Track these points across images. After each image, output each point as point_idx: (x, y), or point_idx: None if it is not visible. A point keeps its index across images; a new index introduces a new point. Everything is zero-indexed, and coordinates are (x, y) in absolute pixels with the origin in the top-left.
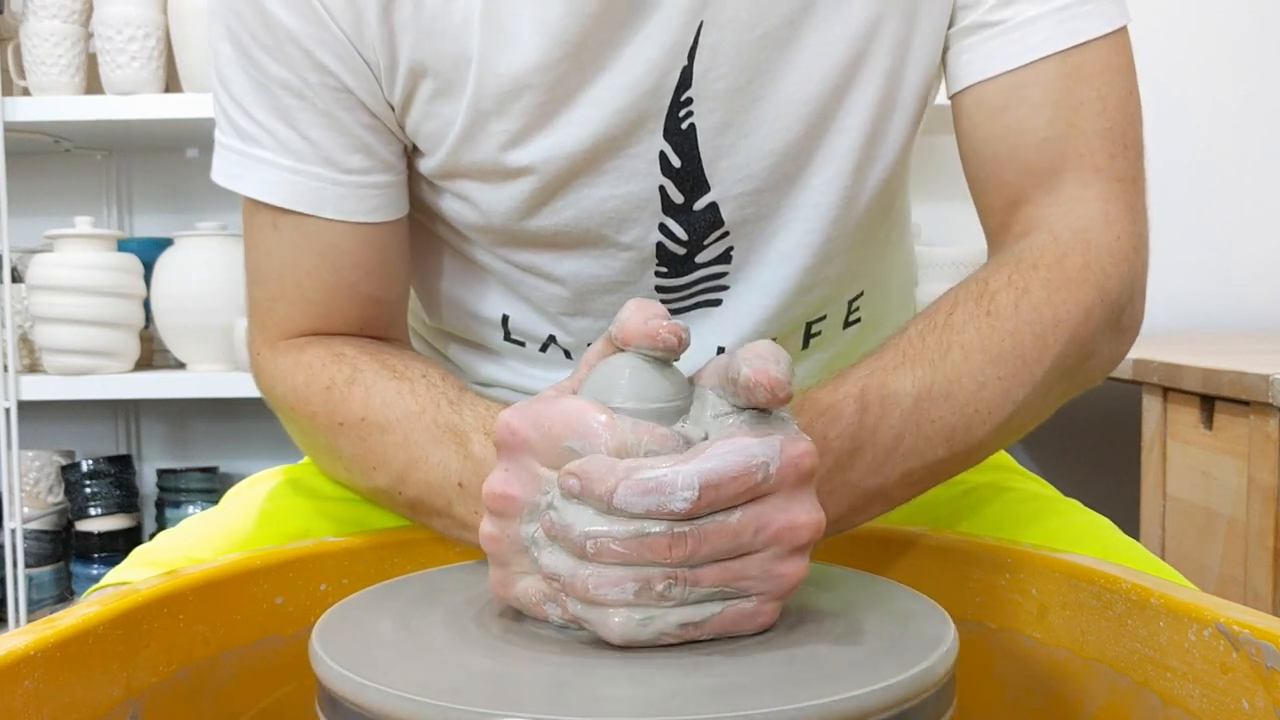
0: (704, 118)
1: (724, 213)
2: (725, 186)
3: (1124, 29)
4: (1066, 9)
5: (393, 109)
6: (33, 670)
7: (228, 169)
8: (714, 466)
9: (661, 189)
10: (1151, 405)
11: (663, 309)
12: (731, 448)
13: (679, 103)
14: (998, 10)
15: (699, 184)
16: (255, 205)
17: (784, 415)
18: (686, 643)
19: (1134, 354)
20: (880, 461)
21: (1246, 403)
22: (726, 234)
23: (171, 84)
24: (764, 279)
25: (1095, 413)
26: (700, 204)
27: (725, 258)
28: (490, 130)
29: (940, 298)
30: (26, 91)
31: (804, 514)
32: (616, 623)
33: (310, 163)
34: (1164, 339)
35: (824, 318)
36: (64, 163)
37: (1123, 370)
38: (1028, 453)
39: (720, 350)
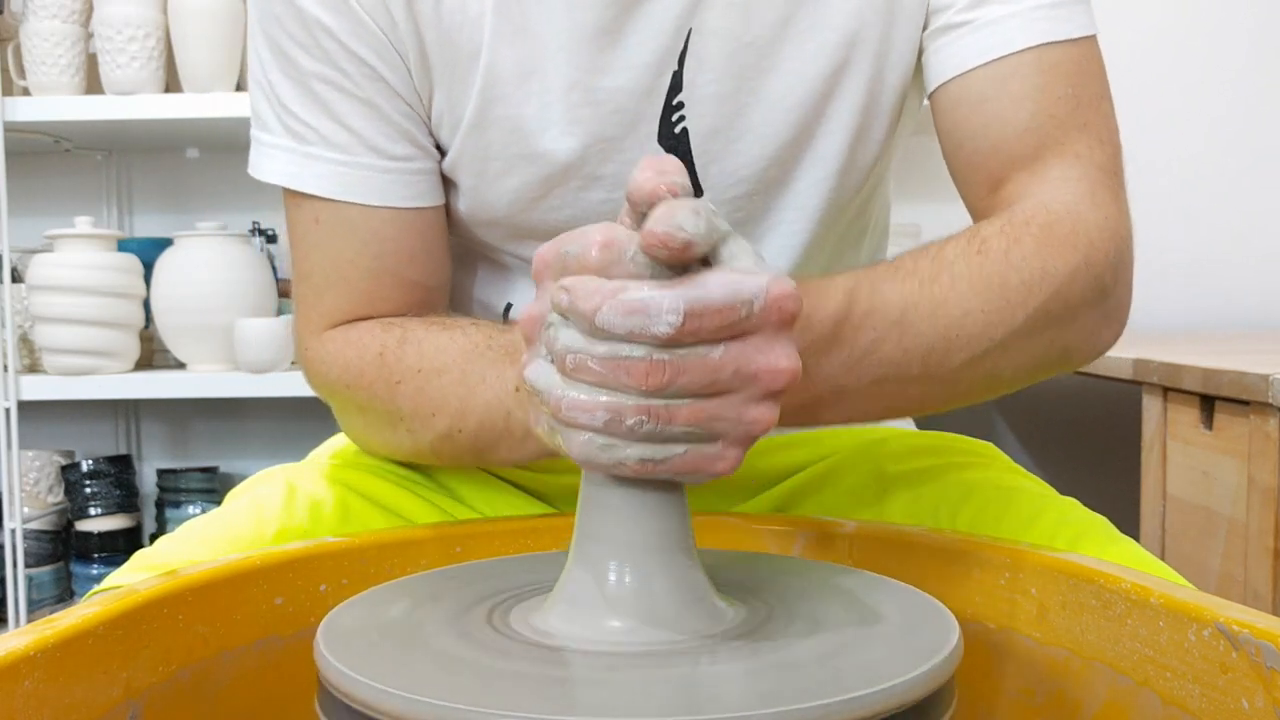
0: (695, 122)
1: None
2: (717, 191)
3: (1093, 38)
4: (1037, 9)
5: (422, 100)
6: (33, 670)
7: (280, 168)
8: (700, 295)
9: None
10: (1151, 405)
11: (675, 165)
12: (719, 280)
13: (671, 106)
14: (968, 11)
15: (692, 188)
16: (298, 203)
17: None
18: (642, 477)
19: (1134, 354)
20: (855, 361)
21: (1246, 403)
22: None
23: (171, 84)
24: None
25: (1095, 413)
26: None
27: None
28: (496, 116)
29: (934, 240)
30: (26, 91)
31: (784, 358)
32: (579, 442)
33: (356, 153)
34: (1164, 339)
35: None
36: (64, 163)
37: (1123, 370)
38: (1028, 452)
39: None
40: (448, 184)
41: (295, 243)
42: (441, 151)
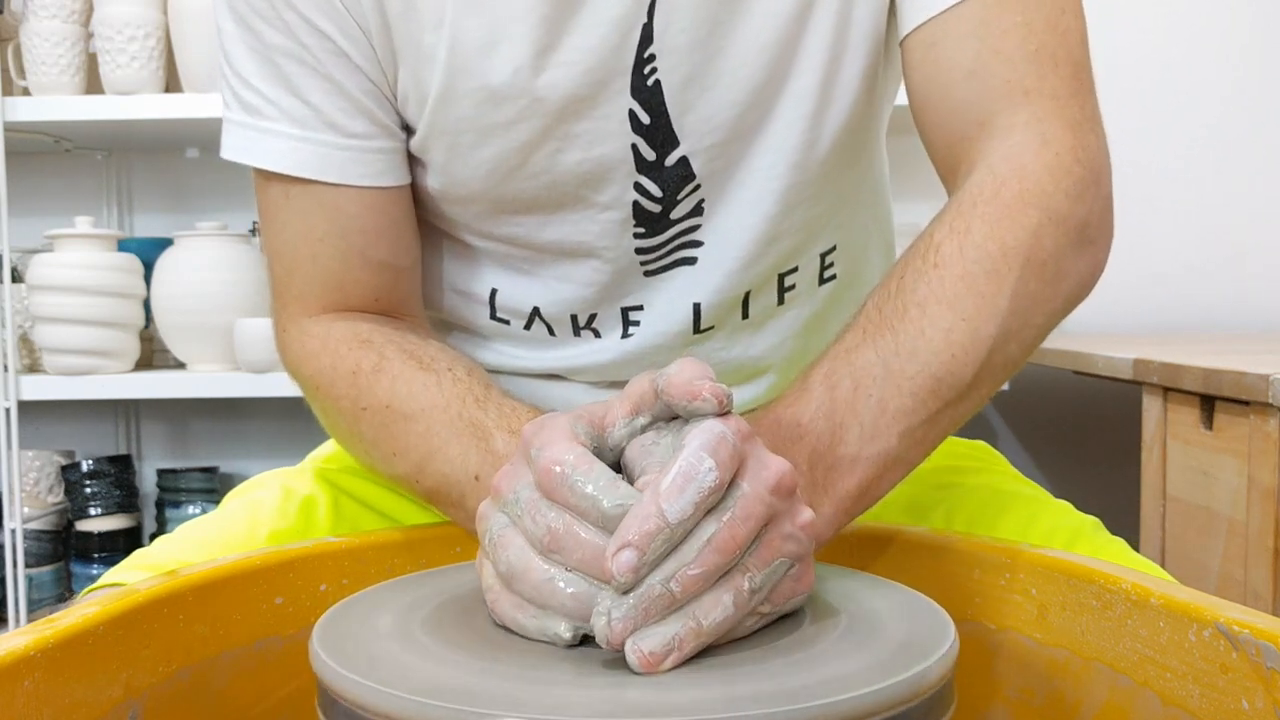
0: (668, 73)
1: (695, 166)
2: (694, 140)
3: None
4: None
5: (386, 77)
6: (33, 670)
7: (236, 143)
8: (706, 437)
9: (634, 147)
10: (1151, 405)
11: (709, 370)
12: (702, 425)
13: (643, 59)
14: None
15: (669, 139)
16: (267, 180)
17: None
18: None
19: (1134, 354)
20: (872, 429)
21: (1246, 403)
22: (699, 187)
23: (171, 84)
24: (734, 230)
25: (1095, 413)
26: (672, 159)
27: (698, 210)
28: (465, 88)
29: (894, 264)
30: (26, 91)
31: (775, 459)
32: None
33: (314, 129)
34: (1164, 339)
35: (795, 269)
36: (64, 163)
37: (1123, 370)
38: (1028, 452)
39: (696, 306)
40: (417, 163)
41: (266, 220)
42: (409, 131)
